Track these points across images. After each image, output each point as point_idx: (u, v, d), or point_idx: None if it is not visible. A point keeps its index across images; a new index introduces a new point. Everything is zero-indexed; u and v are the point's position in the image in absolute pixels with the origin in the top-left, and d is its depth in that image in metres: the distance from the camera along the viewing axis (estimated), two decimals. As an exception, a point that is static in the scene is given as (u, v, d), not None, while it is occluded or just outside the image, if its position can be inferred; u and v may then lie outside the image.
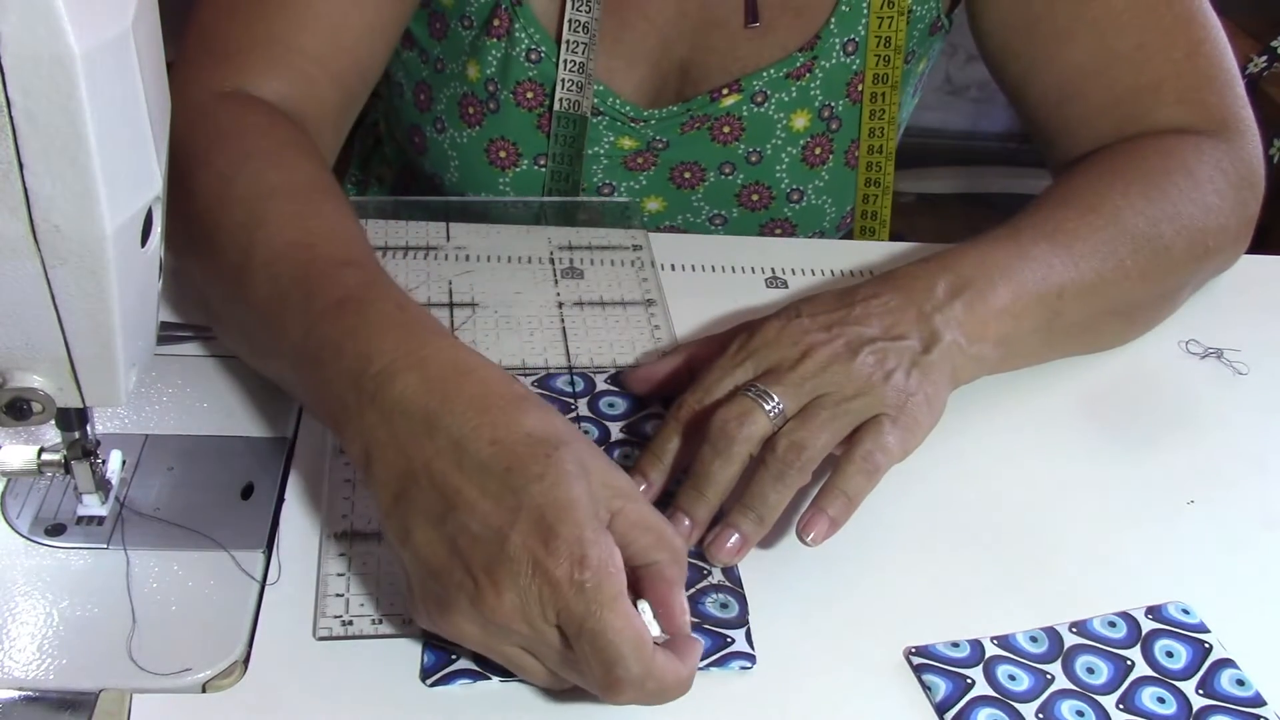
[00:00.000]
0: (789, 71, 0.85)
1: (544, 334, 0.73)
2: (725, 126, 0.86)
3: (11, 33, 0.38)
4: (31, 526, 0.57)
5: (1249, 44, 1.72)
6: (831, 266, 0.82)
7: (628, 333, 0.73)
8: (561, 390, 0.68)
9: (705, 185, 0.89)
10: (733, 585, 0.58)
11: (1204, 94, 0.80)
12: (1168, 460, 0.69)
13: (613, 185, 0.89)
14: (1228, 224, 0.77)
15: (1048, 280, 0.67)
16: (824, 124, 0.87)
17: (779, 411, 0.58)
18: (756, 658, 0.54)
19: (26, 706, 0.49)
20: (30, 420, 0.49)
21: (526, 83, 0.84)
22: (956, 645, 0.56)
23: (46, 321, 0.46)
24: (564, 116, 0.85)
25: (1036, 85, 0.83)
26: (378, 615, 0.54)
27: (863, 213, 0.93)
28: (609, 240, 0.82)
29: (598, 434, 0.66)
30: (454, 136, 0.87)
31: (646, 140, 0.87)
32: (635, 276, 0.79)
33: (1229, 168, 0.77)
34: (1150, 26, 0.79)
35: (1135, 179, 0.74)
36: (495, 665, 0.51)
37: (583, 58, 0.83)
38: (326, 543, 0.57)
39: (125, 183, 0.43)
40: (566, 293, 0.76)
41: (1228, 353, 0.77)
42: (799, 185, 0.89)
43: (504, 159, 0.87)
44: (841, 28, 0.84)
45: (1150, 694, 0.55)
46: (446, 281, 0.76)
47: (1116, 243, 0.70)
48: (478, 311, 0.74)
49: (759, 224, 0.91)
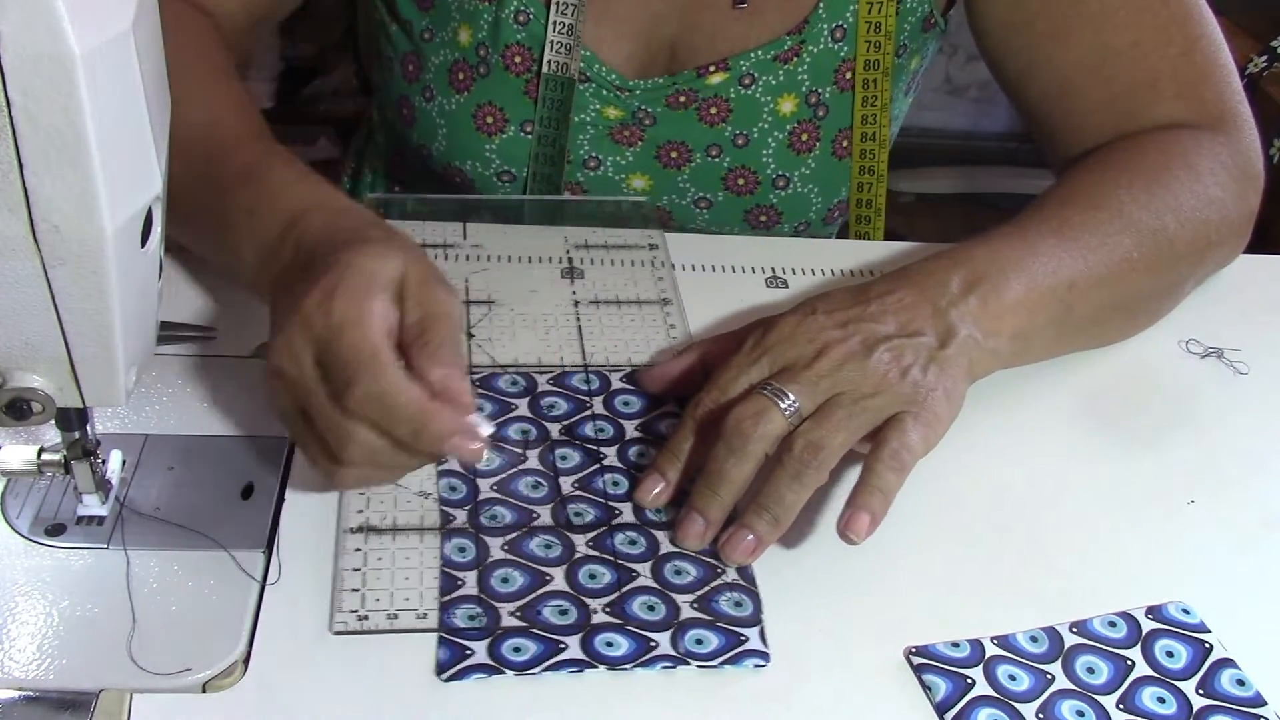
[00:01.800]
0: (776, 54, 0.85)
1: (559, 332, 0.73)
2: (713, 108, 0.87)
3: (11, 33, 0.38)
4: (31, 526, 0.57)
5: (1249, 44, 1.72)
6: (832, 266, 0.82)
7: (643, 331, 0.74)
8: (577, 388, 0.68)
9: (691, 166, 0.89)
10: (747, 584, 0.58)
11: (1201, 89, 0.81)
12: (1168, 460, 0.69)
13: (599, 158, 0.89)
14: (1229, 216, 0.77)
15: (1058, 274, 0.68)
16: (811, 110, 0.87)
17: (795, 410, 0.58)
18: (770, 655, 0.54)
19: (26, 706, 0.49)
20: (30, 420, 0.49)
21: (515, 46, 0.85)
22: (956, 645, 0.56)
23: (46, 321, 0.46)
24: (552, 79, 0.85)
25: (1036, 82, 0.84)
26: (393, 610, 0.55)
27: (858, 200, 0.93)
28: (625, 239, 0.83)
29: (613, 432, 0.66)
30: (442, 104, 0.88)
31: (631, 110, 0.87)
32: (651, 276, 0.79)
33: (1229, 161, 0.78)
34: (1146, 23, 0.80)
35: (1138, 174, 0.75)
36: (511, 660, 0.52)
37: (571, 19, 0.83)
38: (342, 537, 0.58)
39: (125, 183, 0.43)
40: (582, 291, 0.77)
41: (1228, 353, 0.77)
42: (785, 171, 0.89)
43: (491, 125, 0.87)
44: (830, 13, 0.85)
45: (1150, 694, 0.55)
46: (463, 279, 0.77)
47: (1122, 235, 0.71)
48: (493, 309, 0.74)
49: (744, 209, 0.91)
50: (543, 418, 0.66)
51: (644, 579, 0.57)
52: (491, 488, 0.61)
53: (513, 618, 0.55)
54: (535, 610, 0.55)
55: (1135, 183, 0.74)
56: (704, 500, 0.58)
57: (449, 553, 0.58)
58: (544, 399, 0.68)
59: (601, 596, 0.56)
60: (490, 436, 0.54)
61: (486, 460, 0.60)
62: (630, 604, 0.56)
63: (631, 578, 0.57)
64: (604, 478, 0.63)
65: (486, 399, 0.67)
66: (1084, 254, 0.69)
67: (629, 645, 0.54)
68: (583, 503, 0.61)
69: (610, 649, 0.54)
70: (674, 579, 0.57)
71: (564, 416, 0.66)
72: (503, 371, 0.69)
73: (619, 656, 0.53)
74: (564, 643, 0.54)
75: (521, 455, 0.64)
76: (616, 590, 0.57)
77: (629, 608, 0.56)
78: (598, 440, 0.65)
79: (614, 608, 0.56)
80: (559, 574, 0.57)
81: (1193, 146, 0.77)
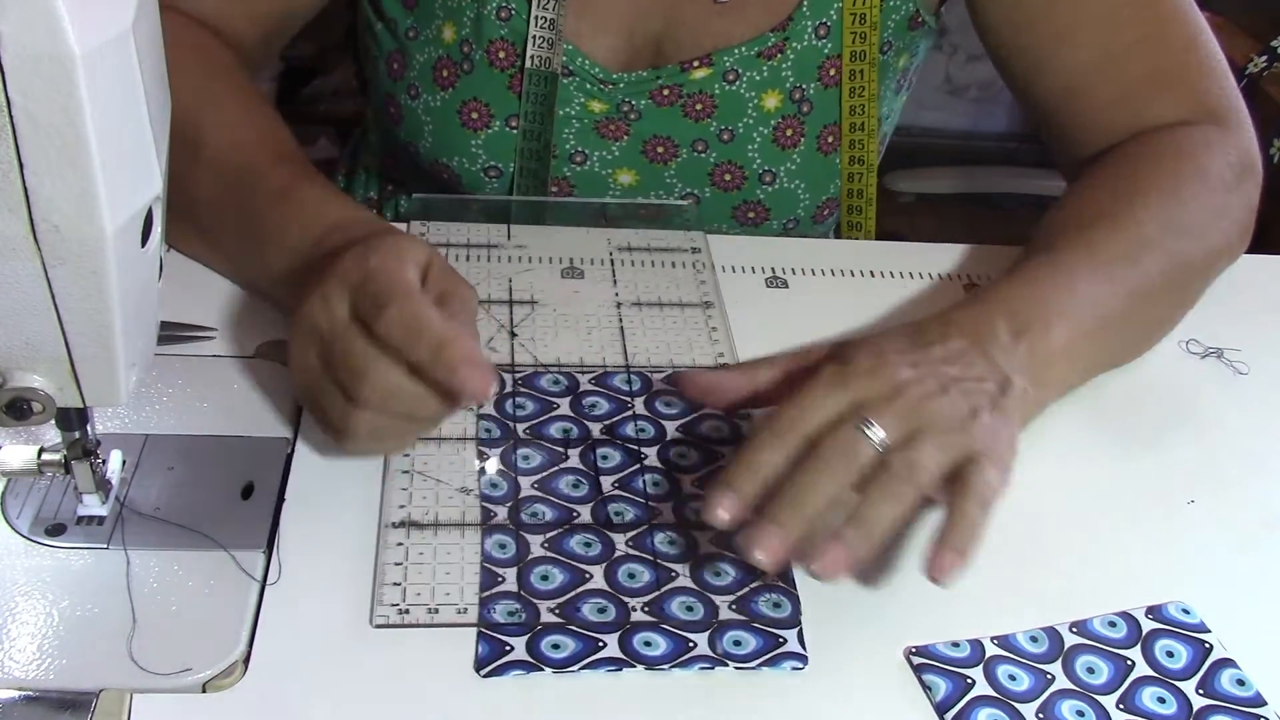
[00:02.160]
0: (760, 50, 0.86)
1: (602, 333, 0.73)
2: (698, 104, 0.87)
3: (11, 33, 0.38)
4: (31, 526, 0.57)
5: (1249, 44, 1.71)
6: (832, 266, 0.82)
7: (685, 334, 0.74)
8: (619, 388, 0.69)
9: (678, 161, 0.89)
10: (786, 586, 0.58)
11: (1205, 84, 0.82)
12: (1168, 460, 0.69)
13: (585, 153, 0.89)
14: (1238, 220, 0.79)
15: (1095, 313, 0.68)
16: (795, 106, 0.87)
17: (884, 442, 0.56)
18: (808, 659, 0.54)
19: (26, 706, 0.49)
20: (30, 420, 0.49)
21: (499, 41, 0.85)
22: (956, 645, 0.56)
23: (46, 321, 0.46)
24: (535, 74, 0.85)
25: (1042, 81, 0.85)
26: (434, 604, 0.55)
27: (849, 191, 0.93)
28: (668, 242, 0.83)
29: (654, 432, 0.66)
30: (427, 101, 0.88)
31: (615, 103, 0.87)
32: (694, 279, 0.79)
33: (1235, 159, 0.79)
34: (1150, 19, 0.81)
35: (1156, 187, 0.75)
36: (550, 657, 0.53)
37: (553, 14, 0.84)
38: (384, 532, 0.58)
39: (125, 183, 0.43)
40: (625, 293, 0.77)
41: (1228, 353, 0.78)
42: (771, 167, 0.89)
43: (476, 120, 0.87)
44: (814, 10, 0.85)
45: (1150, 694, 0.55)
46: (506, 279, 0.77)
47: (1147, 261, 0.71)
48: (536, 309, 0.75)
49: (732, 205, 0.91)
50: (584, 417, 0.67)
51: (683, 579, 0.58)
52: (532, 485, 0.62)
53: (552, 615, 0.55)
54: (574, 608, 0.55)
55: (1152, 198, 0.74)
56: (787, 515, 0.54)
57: (489, 549, 0.58)
58: (586, 398, 0.68)
59: (640, 596, 0.56)
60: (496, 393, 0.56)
61: (524, 457, 0.62)
62: (669, 604, 0.56)
63: (671, 577, 0.58)
64: (644, 478, 0.63)
65: (529, 397, 0.68)
66: (1115, 288, 0.69)
67: (667, 645, 0.54)
68: (623, 502, 0.61)
69: (648, 648, 0.54)
70: (713, 579, 0.58)
71: (605, 416, 0.67)
72: (545, 371, 0.70)
73: (657, 656, 0.54)
74: (602, 641, 0.54)
75: (563, 454, 0.64)
76: (655, 590, 0.57)
77: (668, 607, 0.56)
78: (639, 440, 0.65)
79: (653, 607, 0.56)
80: (598, 572, 0.57)
81: (1203, 149, 0.78)
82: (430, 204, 0.87)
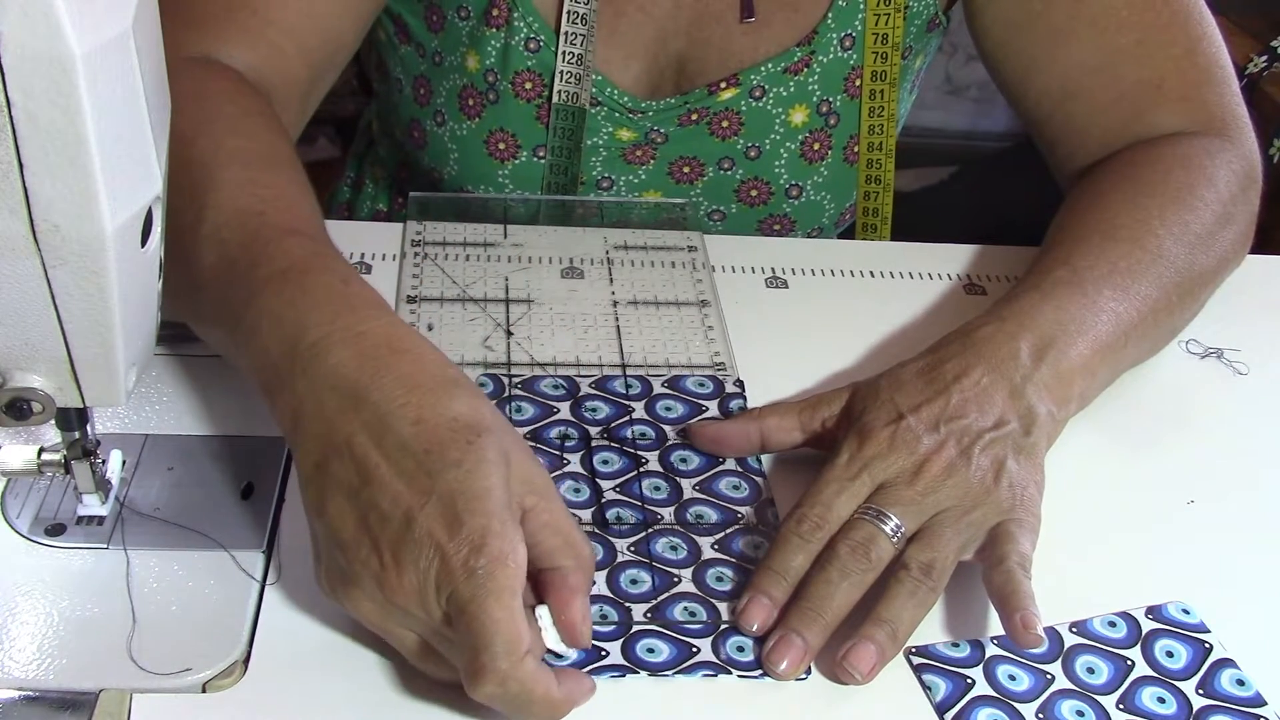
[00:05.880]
0: (786, 66, 0.85)
1: (598, 332, 0.73)
2: (724, 121, 0.87)
3: (11, 33, 0.38)
4: (31, 526, 0.57)
5: (1249, 44, 1.71)
6: (832, 266, 0.82)
7: (681, 332, 0.74)
8: (618, 392, 0.69)
9: (704, 180, 0.89)
10: None
11: (1205, 91, 0.81)
12: (1168, 460, 0.69)
13: (611, 179, 0.89)
14: (1242, 229, 0.79)
15: (1115, 329, 0.68)
16: (822, 119, 0.87)
17: (900, 533, 0.56)
18: (812, 668, 0.54)
19: (26, 706, 0.49)
20: (30, 420, 0.49)
21: (525, 73, 0.85)
22: (956, 645, 0.56)
23: (46, 321, 0.46)
24: (562, 109, 0.85)
25: (1037, 82, 0.84)
26: None
27: (864, 209, 0.93)
28: (664, 241, 0.83)
29: (654, 436, 0.66)
30: (454, 129, 0.87)
31: (644, 131, 0.87)
32: (690, 278, 0.79)
33: (1238, 167, 0.79)
34: (1150, 23, 0.80)
35: (1169, 200, 0.75)
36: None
37: (581, 49, 0.83)
38: None
39: (125, 183, 0.43)
40: (621, 292, 0.77)
41: (1228, 353, 0.78)
42: (798, 181, 0.89)
43: (503, 150, 0.87)
44: (839, 23, 0.84)
45: (1150, 694, 0.55)
46: (503, 278, 0.77)
47: (1163, 277, 0.71)
48: (533, 308, 0.75)
49: (758, 219, 0.91)
50: (584, 421, 0.66)
51: (685, 584, 0.57)
52: None
53: None
54: None
55: (1167, 212, 0.74)
56: (806, 622, 0.54)
57: None
58: (586, 402, 0.68)
59: (643, 602, 0.56)
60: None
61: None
62: (671, 609, 0.56)
63: (673, 583, 0.57)
64: (644, 482, 0.63)
65: (528, 402, 0.67)
66: (1134, 303, 0.69)
67: (670, 651, 0.54)
68: (623, 507, 0.61)
69: (651, 655, 0.54)
70: (715, 585, 0.58)
71: (605, 420, 0.66)
72: (544, 375, 0.69)
73: (660, 663, 0.54)
74: (605, 649, 0.54)
75: (562, 458, 0.64)
76: (657, 596, 0.57)
77: (670, 613, 0.56)
78: (638, 445, 0.65)
79: (655, 613, 0.56)
80: (600, 578, 0.57)
81: (1208, 159, 0.78)
82: (427, 203, 0.87)
